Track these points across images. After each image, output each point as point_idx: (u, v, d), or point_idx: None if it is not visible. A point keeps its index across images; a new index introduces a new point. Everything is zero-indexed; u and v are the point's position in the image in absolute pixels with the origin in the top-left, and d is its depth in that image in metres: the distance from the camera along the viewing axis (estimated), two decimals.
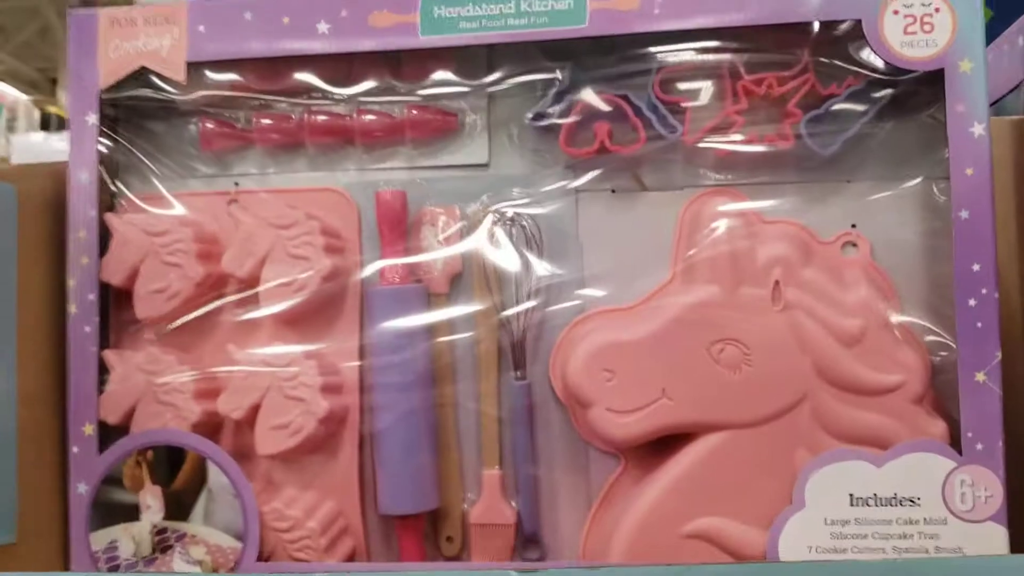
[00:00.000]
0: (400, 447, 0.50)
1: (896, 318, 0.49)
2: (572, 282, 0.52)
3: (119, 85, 0.52)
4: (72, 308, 0.51)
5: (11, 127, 3.31)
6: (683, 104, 0.51)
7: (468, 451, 0.53)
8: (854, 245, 0.51)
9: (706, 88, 0.51)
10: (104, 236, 0.52)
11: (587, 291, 0.52)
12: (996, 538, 0.46)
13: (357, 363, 0.52)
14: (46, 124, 3.61)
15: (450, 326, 0.53)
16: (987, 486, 0.46)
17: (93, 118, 0.51)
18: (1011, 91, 0.60)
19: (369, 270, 0.51)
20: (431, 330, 0.52)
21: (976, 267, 0.47)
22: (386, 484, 0.51)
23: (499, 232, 0.52)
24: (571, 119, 0.51)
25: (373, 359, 0.51)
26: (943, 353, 0.49)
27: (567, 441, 0.53)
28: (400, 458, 0.50)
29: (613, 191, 0.53)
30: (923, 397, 0.48)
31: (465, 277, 0.53)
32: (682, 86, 0.52)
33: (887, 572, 0.39)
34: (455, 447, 0.53)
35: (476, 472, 0.53)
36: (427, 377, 0.52)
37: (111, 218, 0.52)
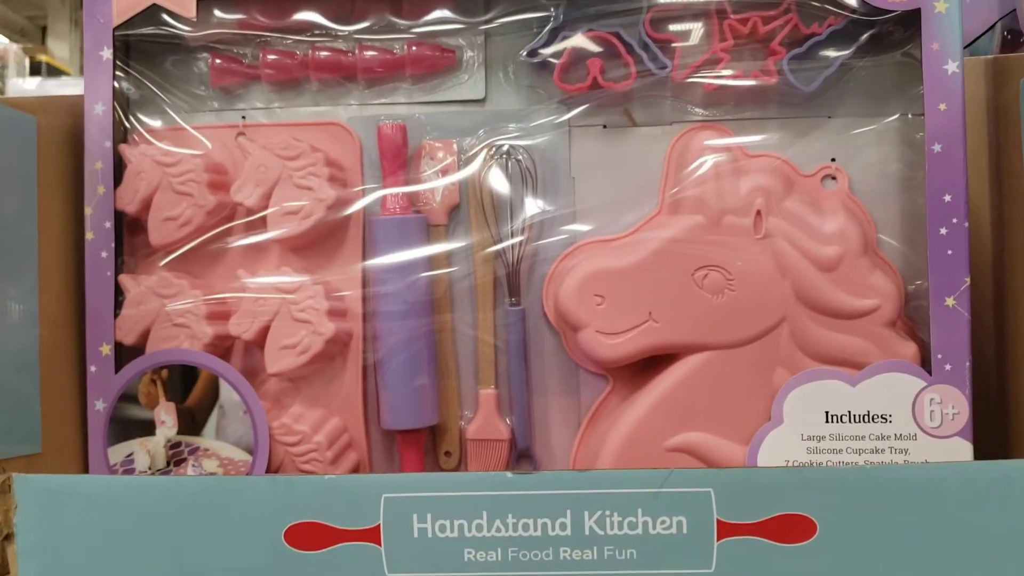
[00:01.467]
0: (401, 367, 0.53)
1: (872, 246, 0.51)
2: (565, 215, 0.55)
3: (132, 22, 0.54)
4: (89, 235, 0.54)
5: (1, 75, 3.32)
6: (672, 42, 0.53)
7: (465, 373, 0.56)
8: (833, 178, 0.53)
9: (694, 27, 0.53)
10: (119, 167, 0.54)
11: (579, 223, 0.55)
12: (962, 453, 0.49)
13: (360, 289, 0.54)
14: (36, 72, 3.61)
15: (448, 256, 0.55)
16: (954, 404, 0.49)
17: (108, 53, 0.54)
18: (985, 32, 0.62)
19: (370, 199, 0.54)
20: (430, 259, 0.54)
21: (947, 198, 0.50)
22: (388, 402, 0.54)
23: (495, 165, 0.54)
24: (565, 56, 0.53)
25: (375, 286, 0.54)
26: (918, 281, 0.52)
27: (559, 365, 0.55)
28: (401, 378, 0.53)
29: (604, 126, 0.55)
30: (896, 321, 0.51)
31: (463, 208, 0.55)
32: (671, 25, 0.54)
33: (853, 478, 0.42)
34: (453, 369, 0.55)
35: (473, 392, 0.56)
36: (427, 303, 0.54)
37: (125, 149, 0.54)
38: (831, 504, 0.41)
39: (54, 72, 3.86)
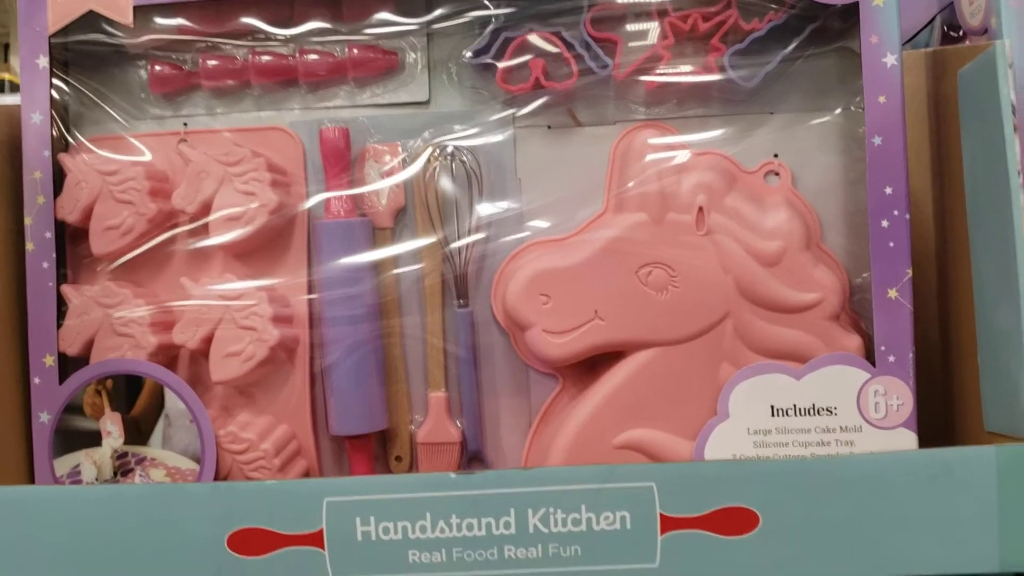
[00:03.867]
0: (349, 373, 0.53)
1: (816, 240, 0.52)
2: (512, 216, 0.55)
3: (68, 29, 0.54)
4: (30, 246, 0.53)
5: None
6: (614, 42, 0.53)
7: (415, 377, 0.56)
8: (776, 174, 0.53)
9: (636, 26, 0.54)
10: (59, 176, 0.54)
11: (526, 224, 0.55)
12: (907, 443, 0.50)
13: (306, 295, 0.54)
14: None
15: (395, 260, 0.55)
16: (898, 395, 0.50)
17: (44, 61, 0.53)
18: (925, 27, 0.63)
19: (314, 201, 0.54)
20: (377, 263, 0.54)
21: (888, 190, 0.50)
22: (336, 408, 0.53)
23: (440, 167, 0.54)
24: (507, 56, 0.53)
25: (321, 291, 0.54)
26: (864, 274, 0.52)
27: (508, 366, 0.55)
28: (349, 383, 0.53)
29: (549, 127, 0.55)
30: (839, 314, 0.51)
31: (408, 211, 0.55)
32: (613, 24, 0.54)
33: (794, 469, 0.42)
34: (402, 373, 0.55)
35: (423, 396, 0.55)
36: (374, 307, 0.54)
37: (64, 158, 0.54)
38: (773, 496, 0.42)
39: (16, 89, 3.83)
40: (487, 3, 0.54)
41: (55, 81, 0.54)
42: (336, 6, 0.55)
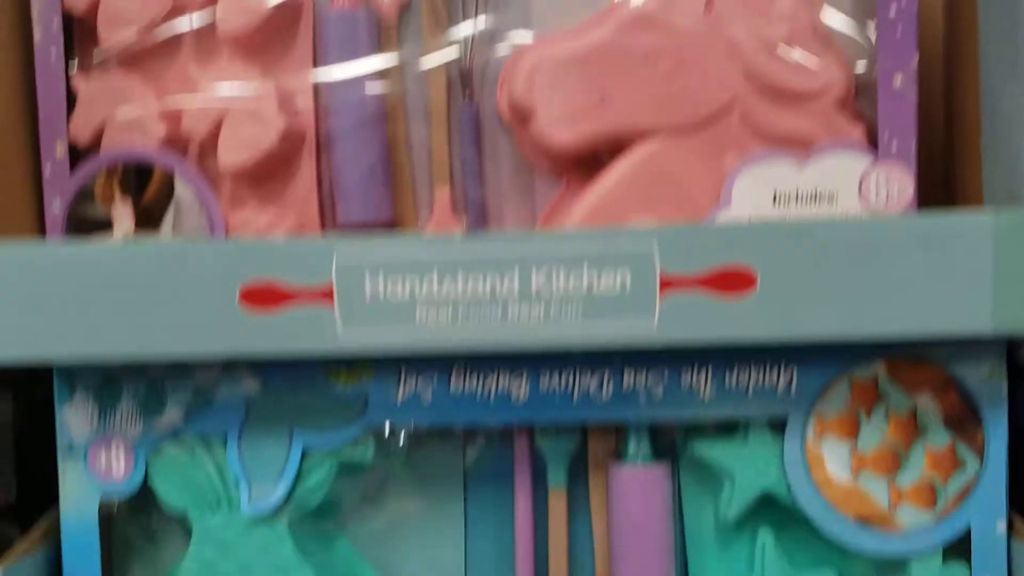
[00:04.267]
0: (355, 162, 0.54)
1: (822, 26, 0.52)
2: (521, 10, 0.54)
3: None
4: (37, 34, 0.53)
5: None
6: None
7: (420, 174, 0.56)
8: None
9: None
10: None
11: (536, 19, 0.54)
12: None
13: (312, 89, 0.54)
14: None
15: (400, 54, 0.55)
16: (900, 182, 0.50)
17: None
18: None
19: None
20: (382, 57, 0.54)
21: None
22: (343, 197, 0.54)
23: None
24: None
25: (327, 87, 0.54)
26: (868, 63, 0.52)
27: (514, 166, 0.56)
28: (356, 172, 0.54)
29: None
30: (845, 102, 0.51)
31: (414, 9, 0.55)
32: None
33: (794, 231, 0.43)
34: (407, 169, 0.56)
35: (428, 193, 0.56)
36: (380, 102, 0.54)
37: None
38: (771, 257, 0.42)
39: None
40: None
41: None
42: None
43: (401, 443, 0.50)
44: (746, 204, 0.51)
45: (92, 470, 0.49)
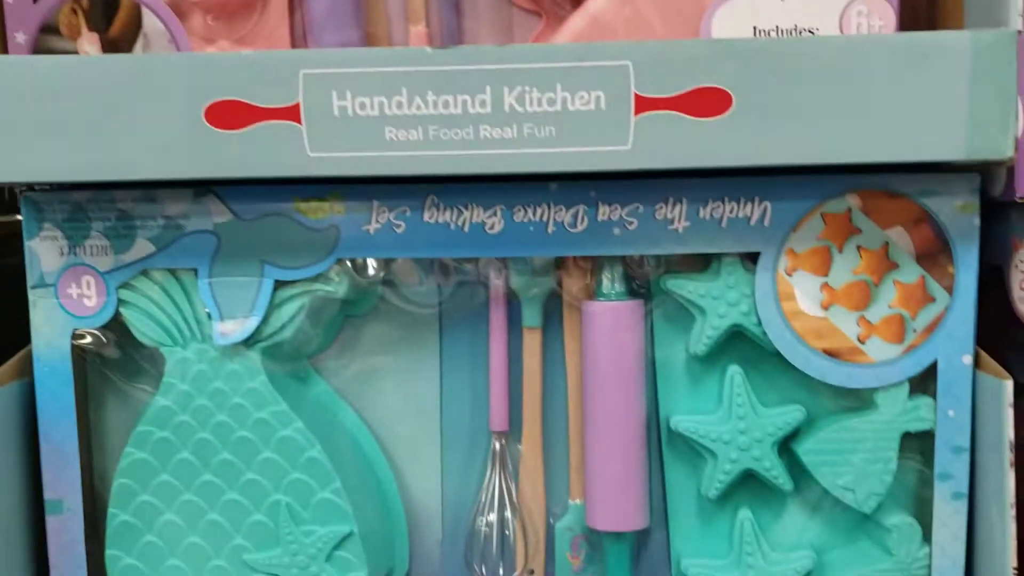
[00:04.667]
0: (329, 5, 0.52)
1: None
2: None
3: None
4: None
5: None
6: None
7: (395, 14, 0.55)
8: None
9: None
10: None
11: None
12: None
13: None
14: None
15: None
16: (881, 15, 0.49)
17: None
18: None
19: None
20: None
21: None
22: (314, 34, 0.53)
23: None
24: None
25: None
26: None
27: (492, 6, 0.55)
28: (328, 8, 0.52)
29: None
30: None
31: None
32: None
33: (770, 49, 0.42)
34: (382, 6, 0.54)
35: (403, 32, 0.55)
36: None
37: None
38: (747, 76, 0.42)
39: None
40: None
41: None
42: None
43: (374, 276, 0.50)
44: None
45: (63, 302, 0.49)
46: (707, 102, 0.42)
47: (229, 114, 0.42)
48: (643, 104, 0.42)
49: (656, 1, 0.51)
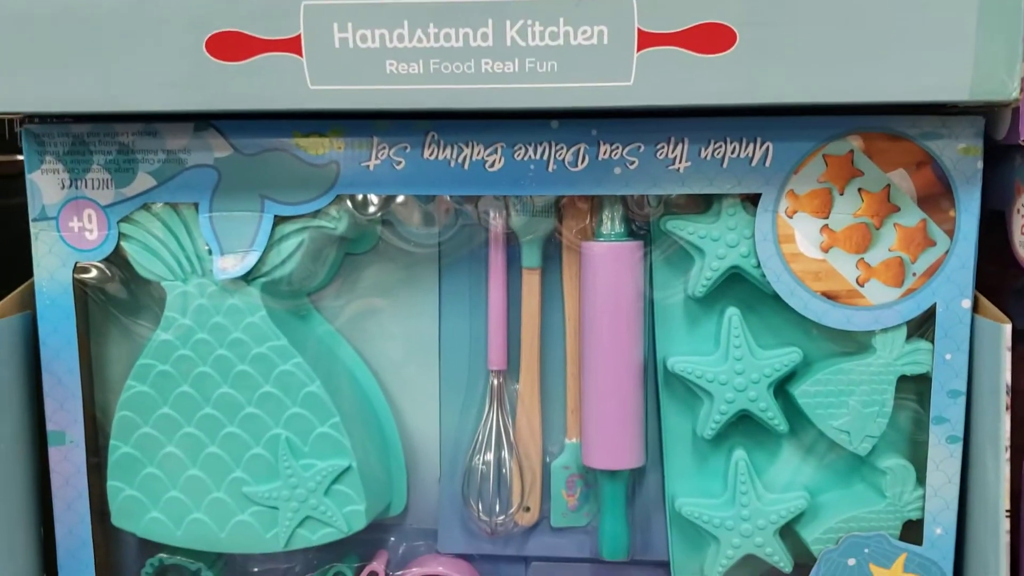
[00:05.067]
0: None
1: None
2: None
3: None
4: None
5: None
6: None
7: None
8: None
9: None
10: None
11: None
12: None
13: None
14: None
15: None
16: None
17: None
18: None
19: None
20: None
21: None
22: None
23: None
24: None
25: None
26: None
27: None
28: None
29: None
30: None
31: None
32: None
33: None
34: None
35: None
36: None
37: None
38: (751, 12, 0.41)
39: None
40: None
41: None
42: None
43: (374, 214, 0.50)
44: None
45: (64, 235, 0.49)
46: (711, 38, 0.42)
47: (230, 46, 0.42)
48: (646, 39, 0.42)
49: None
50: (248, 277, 0.48)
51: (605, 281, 0.49)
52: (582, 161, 0.47)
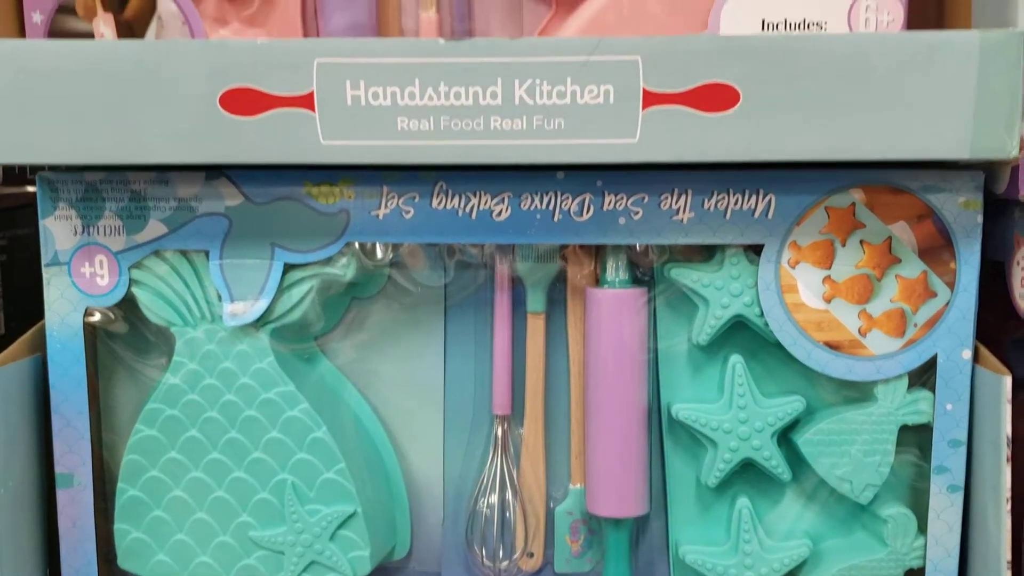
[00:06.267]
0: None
1: None
2: None
3: None
4: None
5: None
6: None
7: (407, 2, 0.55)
8: None
9: None
10: None
11: None
12: None
13: None
14: None
15: None
16: (889, 10, 0.50)
17: None
18: None
19: None
20: None
21: None
22: (326, 20, 0.53)
23: None
24: None
25: None
26: None
27: None
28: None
29: None
30: None
31: None
32: None
33: (777, 45, 0.43)
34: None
35: (414, 16, 0.55)
36: None
37: None
38: (755, 72, 0.42)
39: None
40: None
41: None
42: None
43: (382, 260, 0.51)
44: (734, 31, 0.51)
45: (76, 281, 0.49)
46: (715, 97, 0.43)
47: (244, 101, 0.43)
48: (651, 99, 0.43)
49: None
50: (257, 323, 0.49)
51: (609, 328, 0.50)
52: (587, 211, 0.47)
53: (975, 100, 0.42)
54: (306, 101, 0.43)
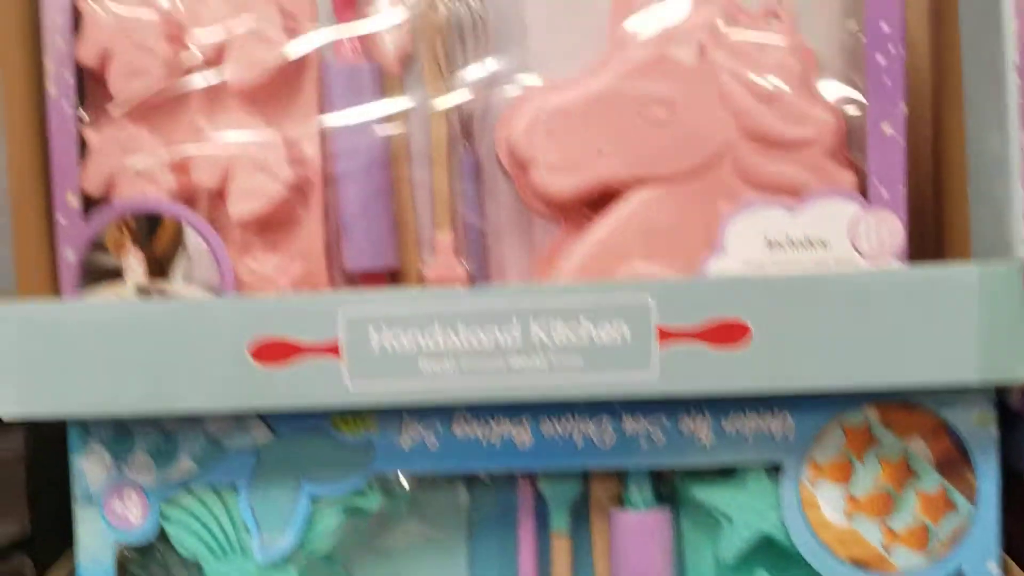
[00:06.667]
0: (362, 210, 0.55)
1: (812, 78, 0.53)
2: (518, 62, 0.56)
3: None
4: (51, 89, 0.55)
5: None
6: None
7: (423, 219, 0.58)
8: (777, 17, 0.54)
9: None
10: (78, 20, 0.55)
11: (532, 70, 0.56)
12: None
13: (318, 139, 0.56)
14: None
15: (403, 104, 0.56)
16: (890, 229, 0.51)
17: None
18: None
19: (323, 42, 0.55)
20: (386, 108, 0.56)
21: (885, 27, 0.51)
22: (350, 243, 0.56)
23: (445, 9, 0.55)
24: None
25: (332, 135, 0.55)
26: (858, 113, 0.54)
27: (513, 209, 0.57)
28: (363, 219, 0.55)
29: None
30: (835, 151, 0.53)
31: (416, 59, 0.56)
32: None
33: (785, 284, 0.44)
34: (411, 216, 0.57)
35: (430, 238, 0.57)
36: (384, 151, 0.56)
37: (81, 1, 0.55)
38: (764, 309, 0.44)
39: None
40: None
41: None
42: None
43: (407, 488, 0.51)
44: (739, 250, 0.52)
45: (108, 518, 0.50)
46: (727, 333, 0.44)
47: (273, 351, 0.45)
48: (666, 335, 0.44)
49: (669, 214, 0.53)
50: (286, 557, 0.49)
51: (635, 549, 0.50)
52: (608, 437, 0.48)
53: (978, 329, 0.43)
54: (332, 349, 0.45)
